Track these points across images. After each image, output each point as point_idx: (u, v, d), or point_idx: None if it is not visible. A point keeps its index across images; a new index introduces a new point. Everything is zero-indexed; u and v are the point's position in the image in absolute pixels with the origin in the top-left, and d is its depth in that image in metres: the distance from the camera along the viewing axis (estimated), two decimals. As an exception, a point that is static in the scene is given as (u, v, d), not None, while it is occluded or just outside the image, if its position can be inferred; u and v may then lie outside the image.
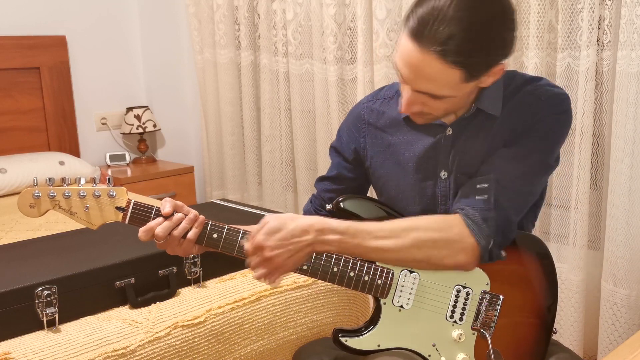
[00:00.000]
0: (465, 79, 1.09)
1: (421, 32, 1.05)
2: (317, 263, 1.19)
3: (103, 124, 3.55)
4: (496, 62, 1.10)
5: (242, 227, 1.20)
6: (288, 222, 1.14)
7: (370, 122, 1.35)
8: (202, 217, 1.19)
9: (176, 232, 1.16)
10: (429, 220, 1.17)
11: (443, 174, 1.25)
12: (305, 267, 1.19)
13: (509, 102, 1.22)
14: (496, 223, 1.15)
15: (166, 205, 1.17)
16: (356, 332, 1.22)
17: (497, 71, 1.12)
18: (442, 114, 1.20)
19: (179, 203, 1.20)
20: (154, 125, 3.49)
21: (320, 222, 1.15)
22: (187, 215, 1.18)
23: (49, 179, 1.14)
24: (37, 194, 1.13)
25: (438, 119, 1.23)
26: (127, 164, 3.50)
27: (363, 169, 1.38)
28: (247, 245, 1.15)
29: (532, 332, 1.25)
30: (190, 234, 1.17)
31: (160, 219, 1.16)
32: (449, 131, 1.25)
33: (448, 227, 1.15)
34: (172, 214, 1.17)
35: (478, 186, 1.17)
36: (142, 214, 1.16)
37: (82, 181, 1.15)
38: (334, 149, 1.42)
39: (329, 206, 1.24)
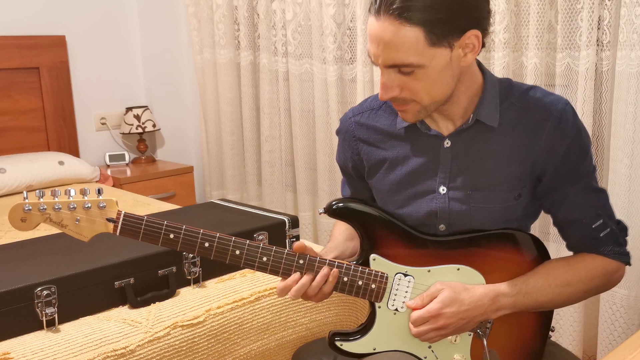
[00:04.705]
0: (430, 40, 1.06)
1: (379, 4, 1.07)
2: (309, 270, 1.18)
3: (102, 123, 3.55)
4: (463, 26, 1.07)
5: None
6: (462, 293, 1.16)
7: (361, 138, 1.31)
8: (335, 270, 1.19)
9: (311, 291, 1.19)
10: (588, 269, 1.22)
11: (442, 189, 1.23)
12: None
13: (508, 115, 1.19)
14: (625, 239, 1.25)
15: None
16: (352, 336, 1.22)
17: (470, 43, 1.09)
18: (427, 100, 1.13)
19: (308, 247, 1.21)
20: (154, 125, 3.49)
21: (492, 290, 1.17)
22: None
23: (40, 191, 1.15)
24: (27, 207, 1.13)
25: (425, 112, 1.17)
26: (127, 164, 3.50)
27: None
28: (419, 312, 1.16)
29: (530, 331, 1.25)
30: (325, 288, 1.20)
31: (297, 275, 1.18)
32: (447, 143, 1.22)
33: (611, 272, 1.23)
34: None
35: (594, 227, 1.21)
36: (132, 225, 1.16)
37: (72, 192, 1.16)
38: (340, 168, 1.41)
39: (321, 211, 1.22)
